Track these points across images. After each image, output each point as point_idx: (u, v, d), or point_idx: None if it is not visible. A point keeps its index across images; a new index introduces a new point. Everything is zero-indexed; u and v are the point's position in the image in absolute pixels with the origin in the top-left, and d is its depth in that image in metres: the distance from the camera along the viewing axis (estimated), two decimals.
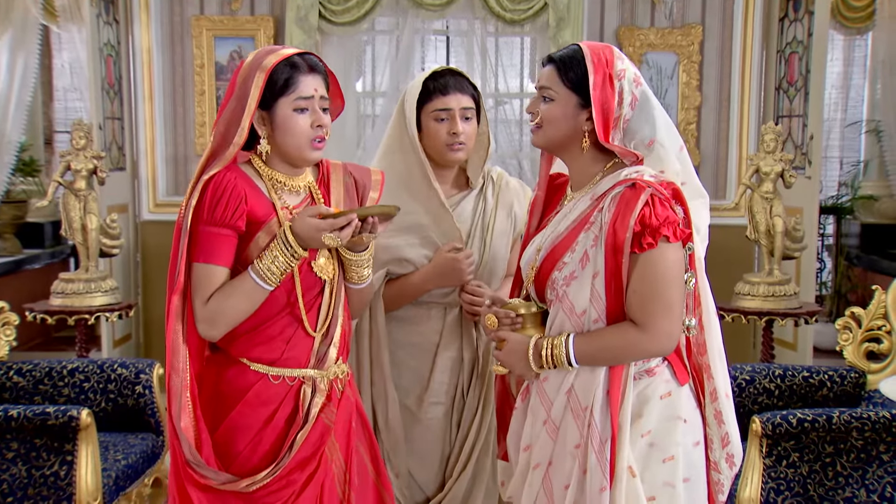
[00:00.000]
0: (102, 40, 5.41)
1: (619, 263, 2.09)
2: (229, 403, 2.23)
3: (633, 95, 2.17)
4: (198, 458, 2.16)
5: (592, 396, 2.14)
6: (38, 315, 4.82)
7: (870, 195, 7.04)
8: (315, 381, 2.28)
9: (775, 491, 3.09)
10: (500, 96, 5.83)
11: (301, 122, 2.20)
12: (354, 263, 2.30)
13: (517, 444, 2.32)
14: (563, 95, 2.20)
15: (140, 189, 5.87)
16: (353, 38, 5.72)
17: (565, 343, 2.15)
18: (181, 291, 2.17)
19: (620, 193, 2.11)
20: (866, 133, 7.23)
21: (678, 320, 2.14)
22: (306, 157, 2.23)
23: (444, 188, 2.79)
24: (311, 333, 2.27)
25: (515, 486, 2.33)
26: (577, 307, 2.16)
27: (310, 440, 2.23)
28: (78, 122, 4.91)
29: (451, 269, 2.70)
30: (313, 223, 2.14)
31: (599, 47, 2.21)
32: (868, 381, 3.60)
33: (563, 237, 2.21)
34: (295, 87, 2.19)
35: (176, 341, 2.17)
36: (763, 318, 4.82)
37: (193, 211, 2.15)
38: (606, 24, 5.67)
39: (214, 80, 5.66)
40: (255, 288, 2.16)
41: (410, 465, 2.77)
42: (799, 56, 5.33)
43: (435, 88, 2.71)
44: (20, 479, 3.19)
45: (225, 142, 2.17)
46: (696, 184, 2.24)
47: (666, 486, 2.15)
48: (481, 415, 2.78)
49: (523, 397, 2.33)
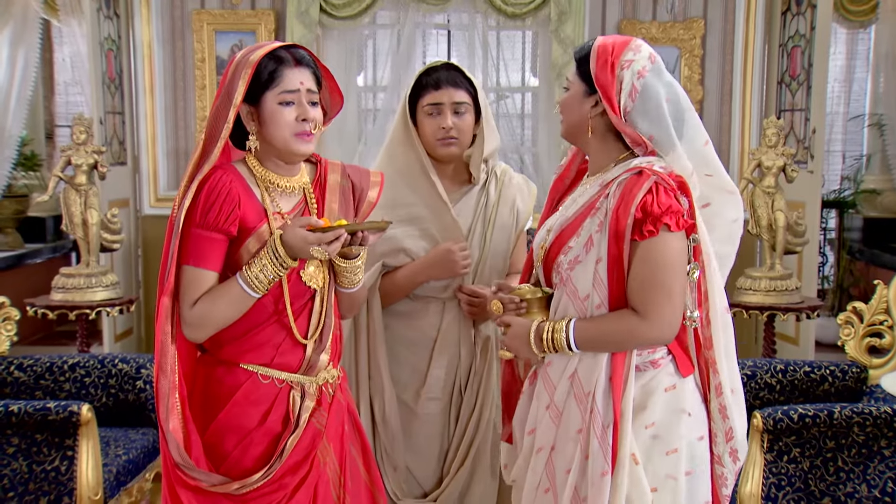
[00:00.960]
0: (103, 34, 5.39)
1: (621, 250, 2.11)
2: (219, 403, 2.22)
3: (634, 86, 2.17)
4: (187, 460, 2.14)
5: (595, 382, 2.16)
6: (39, 310, 4.81)
7: (872, 189, 7.03)
8: (304, 386, 2.27)
9: (776, 486, 3.08)
10: (501, 90, 5.81)
11: (286, 116, 2.18)
12: (346, 270, 2.28)
13: (523, 426, 2.34)
14: (575, 84, 2.27)
15: (141, 183, 5.85)
16: (355, 32, 5.71)
17: (566, 328, 2.16)
18: (171, 293, 2.16)
19: (625, 180, 2.13)
20: (869, 127, 7.22)
21: (678, 309, 2.15)
22: (293, 151, 2.20)
23: (446, 183, 2.79)
24: (302, 341, 2.25)
25: (519, 468, 2.35)
26: (581, 291, 2.18)
27: (301, 445, 2.22)
28: (78, 116, 4.90)
29: (445, 261, 2.70)
30: (302, 235, 2.12)
31: (615, 38, 2.25)
32: (870, 376, 3.60)
33: (571, 221, 2.23)
34: (280, 80, 2.17)
35: (165, 342, 2.16)
36: (765, 312, 4.81)
37: (186, 212, 2.13)
38: (608, 18, 5.65)
39: (215, 74, 5.64)
40: (242, 295, 2.15)
41: (408, 459, 2.77)
42: (801, 50, 5.31)
43: (427, 83, 2.72)
44: (21, 474, 3.19)
45: (213, 137, 2.16)
46: (723, 178, 2.25)
47: (668, 479, 2.16)
48: (479, 411, 2.78)
49: (531, 381, 2.34)
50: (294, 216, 2.24)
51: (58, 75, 7.52)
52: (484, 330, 2.82)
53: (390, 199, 2.65)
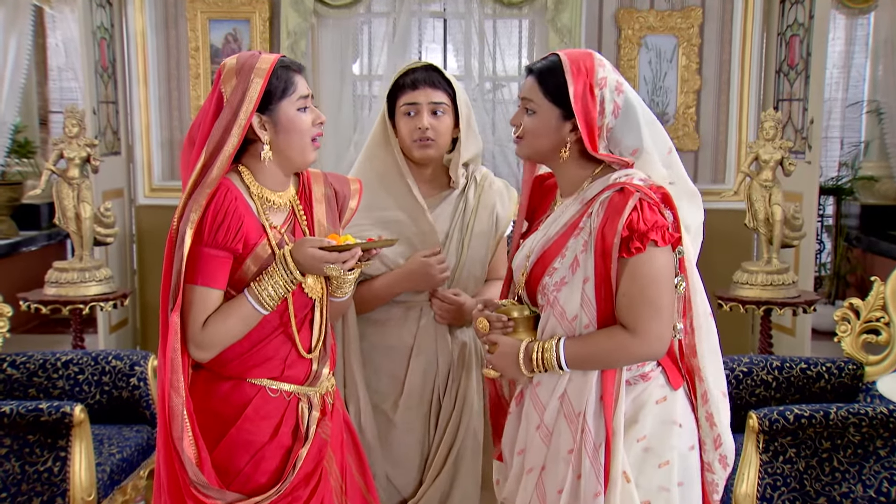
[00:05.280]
0: (96, 23, 5.34)
1: (609, 268, 2.09)
2: (226, 420, 2.20)
3: (616, 104, 2.15)
4: (202, 479, 2.11)
5: (585, 401, 2.14)
6: (32, 305, 4.79)
7: (870, 176, 7.02)
8: (310, 397, 2.27)
9: (772, 486, 3.08)
10: (497, 79, 5.77)
11: (306, 120, 2.20)
12: (344, 282, 2.28)
13: (512, 447, 2.33)
14: (545, 108, 2.19)
15: (135, 173, 5.81)
16: (350, 21, 5.65)
17: (556, 346, 2.14)
18: (180, 310, 2.12)
19: (609, 198, 2.10)
20: (867, 113, 7.19)
21: (668, 324, 2.13)
22: (307, 158, 2.23)
23: (424, 187, 2.76)
24: (305, 355, 2.25)
25: (510, 488, 2.34)
26: (569, 312, 2.15)
27: (310, 455, 2.23)
28: (70, 108, 4.85)
29: (423, 274, 2.67)
30: (314, 254, 2.14)
31: (579, 55, 2.18)
32: (866, 373, 3.59)
33: (553, 243, 2.20)
34: (294, 87, 2.19)
35: (175, 360, 2.12)
36: (761, 307, 4.80)
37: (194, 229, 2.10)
38: (605, 7, 5.59)
39: (209, 63, 5.58)
40: (252, 312, 2.15)
41: (388, 468, 2.75)
42: (800, 39, 5.27)
43: (405, 83, 2.69)
44: (13, 475, 3.19)
45: (218, 149, 2.12)
46: (687, 184, 2.23)
47: (661, 491, 2.15)
48: (459, 417, 2.75)
49: (518, 401, 2.32)
50: (285, 230, 2.24)
51: (51, 61, 7.48)
52: (460, 336, 2.79)
53: (367, 201, 2.61)
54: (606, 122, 2.15)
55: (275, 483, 2.19)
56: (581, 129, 2.13)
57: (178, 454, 2.10)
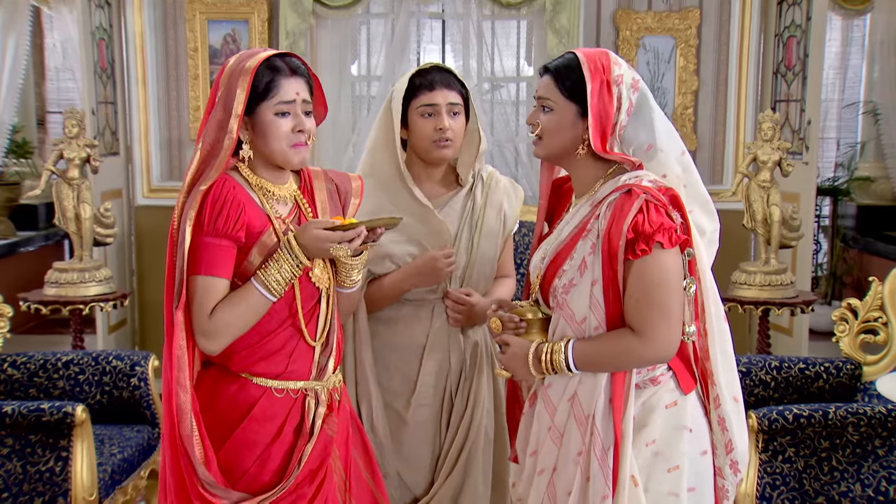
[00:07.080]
0: (94, 24, 5.34)
1: (615, 270, 2.08)
2: (232, 420, 2.19)
3: (630, 101, 2.15)
4: (209, 478, 2.11)
5: (595, 404, 2.13)
6: (32, 305, 4.79)
7: (866, 176, 7.04)
8: (317, 392, 2.27)
9: (771, 486, 3.09)
10: (496, 80, 5.78)
11: (283, 127, 2.17)
12: (350, 268, 2.26)
13: (525, 448, 2.33)
14: (562, 105, 2.18)
15: (134, 174, 5.81)
16: (348, 22, 5.66)
17: (564, 348, 2.14)
18: (184, 307, 2.12)
19: (616, 200, 2.10)
20: (863, 114, 7.21)
21: (676, 327, 2.11)
22: (290, 161, 2.21)
23: (433, 187, 2.77)
24: (312, 343, 2.25)
25: (524, 488, 2.33)
26: (577, 314, 2.15)
27: (315, 452, 2.22)
28: (70, 110, 4.86)
29: (429, 269, 2.68)
30: (319, 235, 2.13)
31: (596, 53, 2.18)
32: (864, 373, 3.61)
33: (563, 245, 2.20)
34: (276, 92, 2.16)
35: (182, 357, 2.11)
36: (759, 307, 4.82)
37: (193, 223, 2.11)
38: (603, 8, 5.61)
39: (208, 63, 5.60)
40: (260, 299, 2.14)
41: (399, 466, 2.76)
42: (797, 40, 5.29)
43: (421, 84, 2.68)
44: (15, 474, 3.19)
45: (215, 149, 2.13)
46: (700, 189, 2.22)
47: (670, 496, 2.14)
48: (470, 416, 2.76)
49: (531, 402, 2.33)
50: (291, 221, 2.24)
51: (48, 61, 7.47)
52: (472, 335, 2.80)
53: (374, 206, 2.64)
54: (621, 120, 2.15)
55: (279, 481, 2.19)
56: (591, 125, 2.12)
57: (186, 453, 2.10)
